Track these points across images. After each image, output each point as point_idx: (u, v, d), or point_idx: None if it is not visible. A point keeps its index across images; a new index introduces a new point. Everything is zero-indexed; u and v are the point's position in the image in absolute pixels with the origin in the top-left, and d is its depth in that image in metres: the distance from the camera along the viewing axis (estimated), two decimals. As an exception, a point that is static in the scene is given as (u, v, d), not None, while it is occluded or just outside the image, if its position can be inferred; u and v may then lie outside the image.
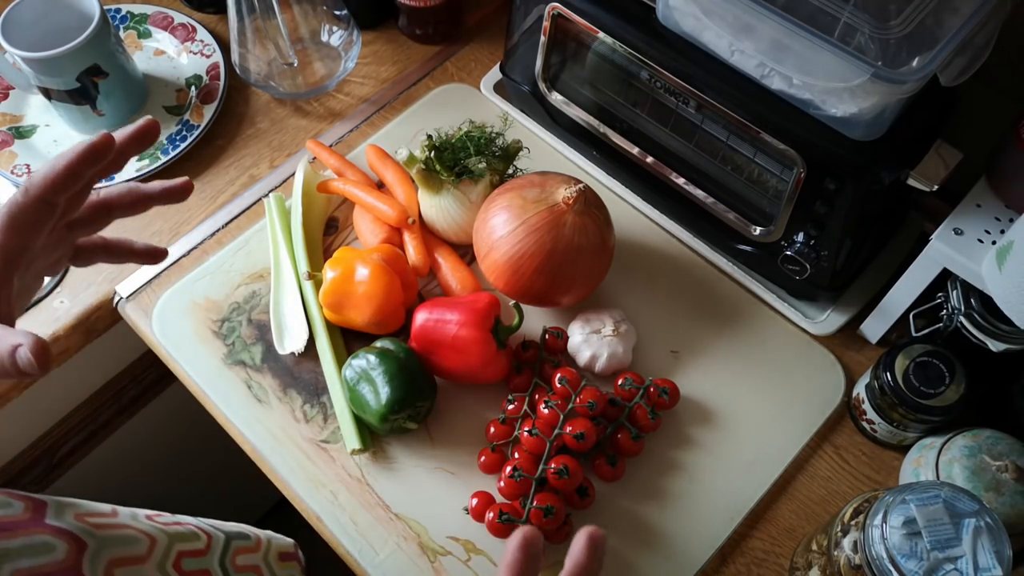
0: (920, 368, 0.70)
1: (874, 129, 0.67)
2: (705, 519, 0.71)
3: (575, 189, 0.73)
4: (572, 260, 0.73)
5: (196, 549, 0.62)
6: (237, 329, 0.81)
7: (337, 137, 0.94)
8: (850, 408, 0.77)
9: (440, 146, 0.80)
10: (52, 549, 0.51)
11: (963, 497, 0.55)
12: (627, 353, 0.77)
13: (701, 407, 0.77)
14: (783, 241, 0.77)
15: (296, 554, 0.74)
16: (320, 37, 0.96)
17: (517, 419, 0.73)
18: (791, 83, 0.69)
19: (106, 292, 0.84)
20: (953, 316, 0.72)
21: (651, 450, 0.74)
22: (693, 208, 0.83)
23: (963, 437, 0.68)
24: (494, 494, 0.71)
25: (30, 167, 0.90)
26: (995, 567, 0.53)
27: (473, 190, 0.80)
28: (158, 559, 0.58)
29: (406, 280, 0.77)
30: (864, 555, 0.55)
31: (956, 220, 0.70)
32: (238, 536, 0.68)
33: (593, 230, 0.74)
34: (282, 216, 0.84)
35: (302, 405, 0.77)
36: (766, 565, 0.70)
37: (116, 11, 1.02)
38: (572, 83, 0.87)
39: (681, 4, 0.71)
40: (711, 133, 0.78)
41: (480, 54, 1.01)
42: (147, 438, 1.07)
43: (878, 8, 0.64)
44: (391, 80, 0.99)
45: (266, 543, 0.71)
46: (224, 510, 0.79)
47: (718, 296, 0.83)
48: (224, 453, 0.81)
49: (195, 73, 0.98)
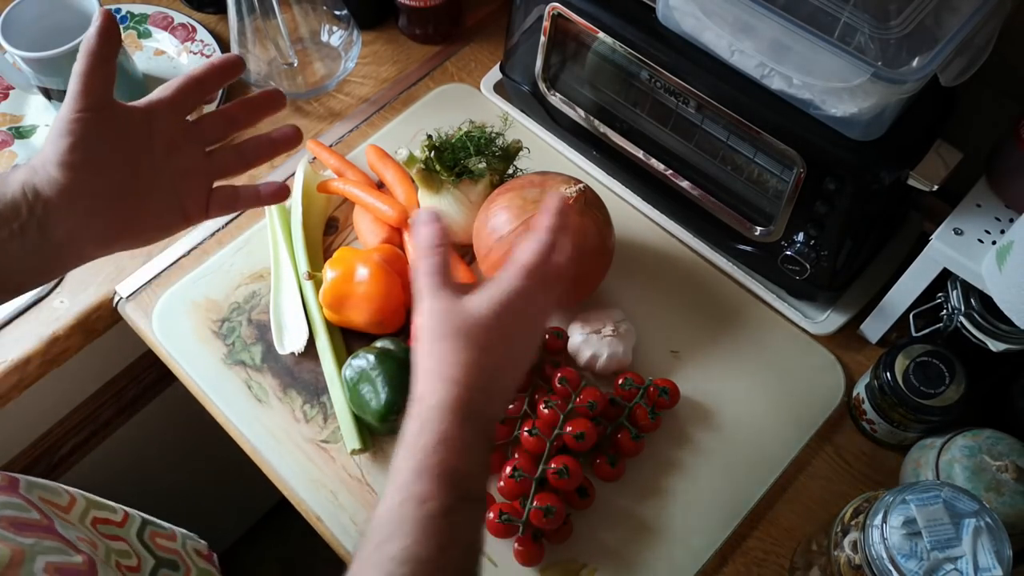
0: (920, 368, 0.70)
1: (874, 129, 0.67)
2: (705, 519, 0.71)
3: (575, 189, 0.73)
4: (572, 260, 0.72)
5: (111, 519, 0.67)
6: (237, 329, 0.81)
7: (337, 137, 0.94)
8: (850, 408, 0.77)
9: (440, 146, 0.80)
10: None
11: (963, 497, 0.55)
12: (627, 353, 0.77)
13: (701, 407, 0.77)
14: (783, 241, 0.77)
15: (211, 556, 0.77)
16: (320, 37, 0.96)
17: (517, 419, 0.73)
18: (791, 83, 0.69)
19: (106, 292, 0.84)
20: (953, 316, 0.72)
21: (651, 450, 0.74)
22: (693, 208, 0.83)
23: (963, 437, 0.68)
24: (494, 494, 0.71)
25: (30, 167, 0.90)
26: (995, 567, 0.53)
27: (473, 190, 0.80)
28: (78, 513, 0.63)
29: (406, 280, 0.77)
30: (864, 555, 0.55)
31: (956, 220, 0.69)
32: (153, 523, 0.71)
33: (593, 231, 0.74)
34: (282, 216, 0.84)
35: (302, 405, 0.77)
36: (766, 565, 0.70)
37: (116, 11, 1.02)
38: (572, 83, 0.87)
39: (681, 4, 0.71)
40: (711, 133, 0.78)
41: (480, 54, 1.01)
42: (147, 438, 1.07)
43: (878, 8, 0.64)
44: (391, 80, 0.99)
45: (181, 537, 0.74)
46: (224, 510, 0.79)
47: (718, 296, 0.83)
48: (224, 453, 0.81)
49: (195, 73, 0.98)
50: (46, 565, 0.54)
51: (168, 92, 0.58)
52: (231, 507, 1.29)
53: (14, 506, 0.58)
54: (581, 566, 0.69)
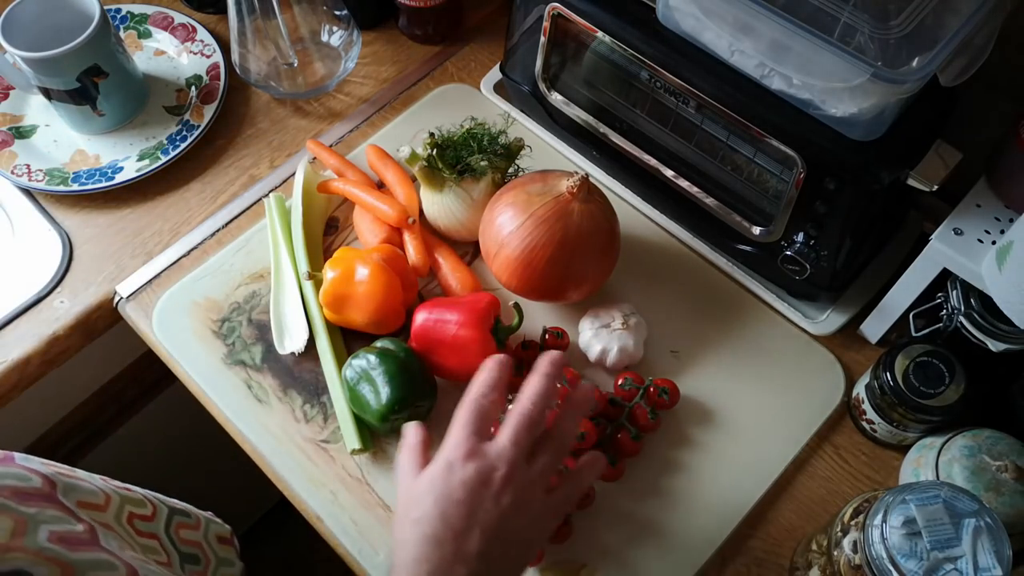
0: (920, 368, 0.70)
1: (874, 129, 0.67)
2: (705, 519, 0.71)
3: (577, 178, 0.73)
4: (584, 246, 0.73)
5: (144, 514, 0.66)
6: (237, 329, 0.81)
7: (337, 137, 0.94)
8: (850, 408, 0.77)
9: (442, 144, 0.80)
10: (29, 480, 0.56)
11: (963, 497, 0.55)
12: (638, 347, 0.77)
13: (701, 407, 0.77)
14: (783, 241, 0.77)
15: (232, 540, 0.77)
16: (320, 37, 0.96)
17: (517, 419, 0.73)
18: (791, 83, 0.69)
19: (106, 292, 0.84)
20: (953, 316, 0.72)
21: (651, 450, 0.74)
22: (693, 208, 0.83)
23: (963, 437, 0.68)
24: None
25: (30, 167, 0.90)
26: (995, 567, 0.53)
27: (475, 188, 0.80)
28: (114, 512, 0.63)
29: (406, 280, 0.77)
30: (864, 555, 0.55)
31: (956, 220, 0.69)
32: (180, 512, 0.71)
33: (600, 216, 0.74)
34: (282, 216, 0.84)
35: (302, 405, 0.77)
36: (766, 565, 0.70)
37: (116, 11, 1.02)
38: (572, 83, 0.87)
39: (681, 4, 0.71)
40: (711, 133, 0.78)
41: (480, 54, 1.01)
42: (147, 438, 1.07)
43: (878, 8, 0.64)
44: (391, 80, 0.99)
45: (205, 524, 0.74)
46: (224, 510, 0.79)
47: (718, 296, 0.83)
48: (224, 453, 0.81)
49: (195, 73, 0.98)
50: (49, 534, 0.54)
51: None
52: (231, 507, 1.29)
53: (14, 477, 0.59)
54: (581, 566, 0.69)
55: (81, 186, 0.88)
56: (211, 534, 0.74)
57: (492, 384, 0.59)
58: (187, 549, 0.70)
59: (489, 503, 0.53)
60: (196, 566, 0.70)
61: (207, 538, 0.73)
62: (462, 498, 0.53)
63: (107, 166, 0.91)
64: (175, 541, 0.69)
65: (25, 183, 0.88)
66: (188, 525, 0.72)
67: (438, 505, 0.53)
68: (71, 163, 0.91)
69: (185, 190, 0.91)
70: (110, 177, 0.89)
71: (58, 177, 0.89)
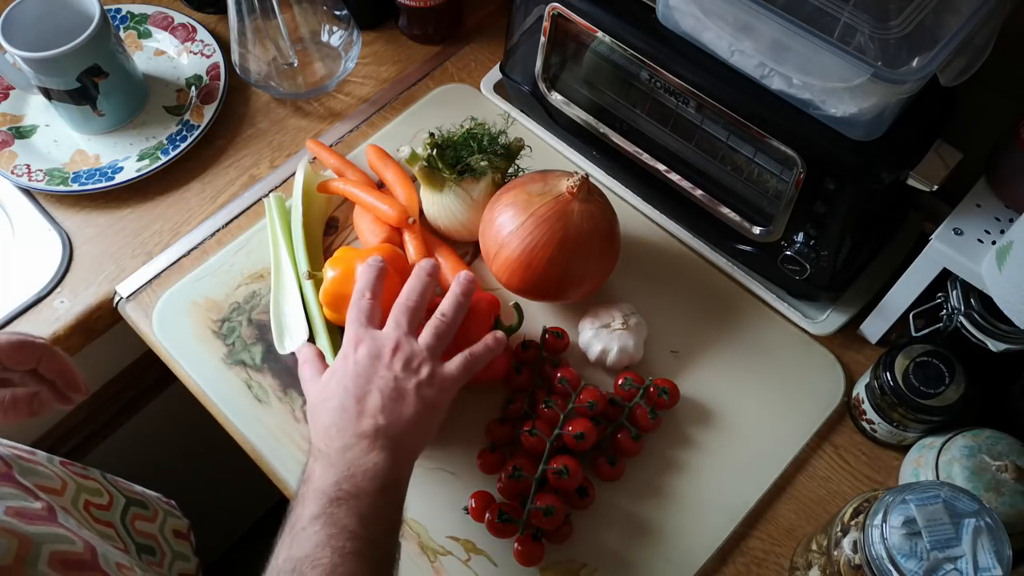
0: (920, 368, 0.70)
1: (874, 129, 0.67)
2: (705, 519, 0.71)
3: (577, 178, 0.73)
4: (584, 246, 0.73)
5: (100, 503, 0.70)
6: (237, 329, 0.81)
7: (337, 137, 0.94)
8: (850, 408, 0.77)
9: (443, 143, 0.80)
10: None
11: (963, 497, 0.55)
12: (638, 347, 0.77)
13: (701, 407, 0.77)
14: (783, 241, 0.77)
15: (188, 535, 0.78)
16: (320, 37, 0.96)
17: (517, 419, 0.73)
18: (791, 83, 0.69)
19: (106, 292, 0.84)
20: (953, 316, 0.72)
21: (651, 450, 0.74)
22: (693, 208, 0.83)
23: (963, 437, 0.68)
24: (494, 494, 0.71)
25: (30, 167, 0.90)
26: (995, 567, 0.53)
27: (475, 188, 0.80)
28: (71, 497, 0.66)
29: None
30: (864, 555, 0.55)
31: (956, 220, 0.69)
32: (137, 503, 0.74)
33: (600, 216, 0.74)
34: (282, 216, 0.84)
35: (302, 405, 0.77)
36: (766, 565, 0.70)
37: (116, 11, 1.02)
38: (572, 83, 0.87)
39: (681, 4, 0.71)
40: (711, 133, 0.78)
41: (480, 54, 1.01)
42: (147, 438, 1.07)
43: (878, 8, 0.64)
44: (391, 80, 0.99)
45: (163, 516, 0.75)
46: (224, 510, 0.79)
47: (718, 296, 0.83)
48: (224, 453, 0.81)
49: (195, 73, 0.98)
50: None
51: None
52: (231, 506, 1.29)
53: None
54: (581, 566, 0.69)
55: (81, 186, 0.88)
56: (167, 528, 0.75)
57: (367, 285, 0.68)
58: (142, 540, 0.71)
59: (383, 370, 0.62)
60: (152, 557, 0.71)
61: (163, 531, 0.74)
62: (359, 371, 0.62)
63: (107, 166, 0.91)
64: (131, 532, 0.71)
65: (25, 183, 0.88)
66: (144, 517, 0.73)
67: (340, 383, 0.62)
68: (71, 163, 0.91)
69: (185, 190, 0.91)
70: (110, 177, 0.89)
71: (58, 177, 0.89)
